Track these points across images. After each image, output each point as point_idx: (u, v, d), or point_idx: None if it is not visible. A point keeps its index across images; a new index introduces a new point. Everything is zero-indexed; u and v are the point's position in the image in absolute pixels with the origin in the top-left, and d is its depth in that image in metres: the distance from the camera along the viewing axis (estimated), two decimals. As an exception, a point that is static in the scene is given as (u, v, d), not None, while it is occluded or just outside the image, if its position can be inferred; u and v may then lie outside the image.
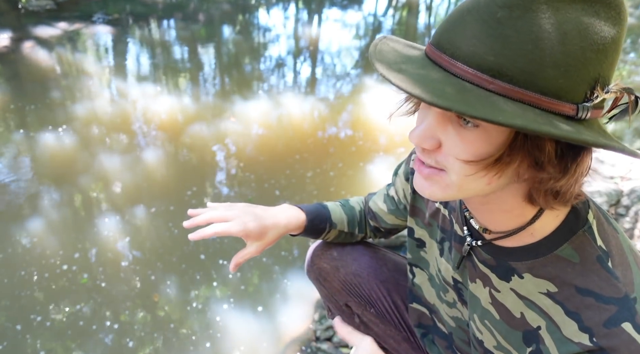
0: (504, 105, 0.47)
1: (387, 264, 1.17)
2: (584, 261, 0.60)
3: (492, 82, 0.48)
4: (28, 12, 6.49)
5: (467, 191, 0.58)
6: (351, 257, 1.15)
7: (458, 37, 0.51)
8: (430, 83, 0.49)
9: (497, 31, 0.48)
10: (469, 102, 0.47)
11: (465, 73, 0.49)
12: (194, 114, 4.20)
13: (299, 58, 6.00)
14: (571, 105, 0.49)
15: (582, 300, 0.59)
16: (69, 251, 2.63)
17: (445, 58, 0.51)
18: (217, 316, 2.33)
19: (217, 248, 2.76)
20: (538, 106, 0.48)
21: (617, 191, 2.32)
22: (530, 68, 0.47)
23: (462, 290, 0.82)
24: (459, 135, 0.54)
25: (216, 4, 7.61)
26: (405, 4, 8.91)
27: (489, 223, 0.68)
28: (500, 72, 0.48)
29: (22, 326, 2.22)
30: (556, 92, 0.48)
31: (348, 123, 4.26)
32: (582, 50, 0.48)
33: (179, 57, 5.82)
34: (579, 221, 0.63)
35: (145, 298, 2.40)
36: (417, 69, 0.52)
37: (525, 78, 0.48)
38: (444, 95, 0.47)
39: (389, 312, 1.16)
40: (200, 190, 3.21)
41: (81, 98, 4.34)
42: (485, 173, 0.54)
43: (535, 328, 0.65)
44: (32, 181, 3.23)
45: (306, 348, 2.11)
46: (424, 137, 0.56)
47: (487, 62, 0.48)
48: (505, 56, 0.47)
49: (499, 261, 0.69)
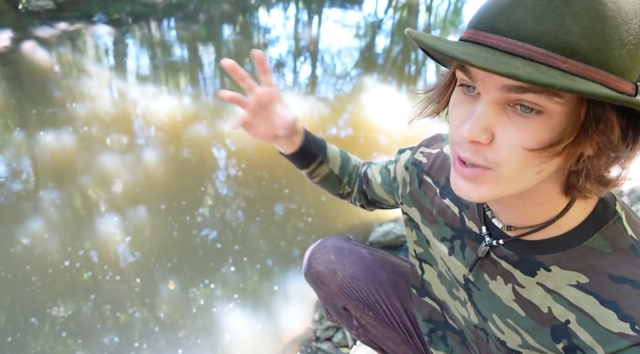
0: (584, 82, 0.46)
1: (385, 266, 1.16)
2: (617, 250, 0.59)
3: (566, 61, 0.47)
4: (28, 12, 6.49)
5: (516, 185, 0.56)
6: (349, 260, 1.14)
7: (519, 18, 0.48)
8: (503, 64, 0.46)
9: (566, 9, 0.47)
10: (565, 81, 0.45)
11: (534, 54, 0.48)
12: (194, 114, 4.20)
13: (299, 58, 6.00)
14: (632, 83, 0.49)
15: (619, 288, 0.57)
16: (70, 249, 2.63)
17: (509, 41, 0.49)
18: (218, 316, 2.33)
19: (217, 248, 2.76)
20: (607, 85, 0.48)
21: (617, 191, 2.32)
22: (601, 47, 0.47)
23: (472, 291, 0.80)
24: (517, 125, 0.52)
25: (216, 4, 7.61)
26: (405, 4, 8.91)
27: (517, 219, 0.66)
28: (573, 50, 0.47)
29: (22, 325, 2.22)
30: (622, 70, 0.48)
31: (348, 122, 4.26)
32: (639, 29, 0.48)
33: (179, 57, 5.82)
34: (608, 211, 0.62)
35: (144, 297, 2.40)
36: (480, 53, 0.49)
37: (597, 57, 0.47)
38: (535, 74, 0.45)
39: (387, 315, 1.15)
40: (200, 189, 3.21)
41: (81, 98, 4.34)
42: (546, 161, 0.52)
43: (564, 322, 0.64)
44: (32, 181, 3.23)
45: (306, 348, 2.11)
46: (477, 129, 0.52)
47: (559, 40, 0.47)
48: (577, 34, 0.47)
49: (523, 256, 0.67)
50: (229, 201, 3.10)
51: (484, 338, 0.84)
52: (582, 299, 0.61)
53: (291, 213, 3.05)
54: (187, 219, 2.93)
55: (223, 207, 3.04)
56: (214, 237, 2.84)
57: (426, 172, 0.90)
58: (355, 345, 1.92)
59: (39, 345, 2.16)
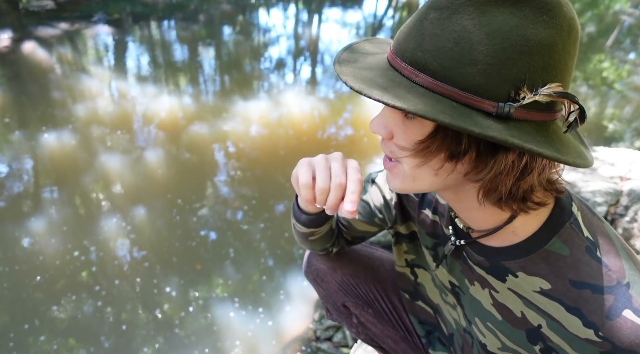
0: (418, 96, 0.51)
1: (385, 264, 1.16)
2: (574, 253, 0.62)
3: (418, 75, 0.53)
4: (29, 12, 6.49)
5: (420, 183, 0.62)
6: (348, 258, 1.15)
7: (400, 35, 0.57)
8: (368, 76, 0.55)
9: (427, 30, 0.53)
10: (393, 94, 0.51)
11: (400, 67, 0.55)
12: (194, 114, 4.20)
13: (299, 58, 6.00)
14: (492, 102, 0.51)
15: (580, 294, 0.60)
16: (70, 248, 2.63)
17: (392, 55, 0.57)
18: (218, 316, 2.33)
19: (217, 248, 2.76)
20: (456, 100, 0.51)
21: (617, 191, 2.32)
22: (449, 64, 0.51)
23: (459, 294, 0.83)
24: (403, 125, 0.59)
25: (216, 4, 7.61)
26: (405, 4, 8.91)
27: (471, 221, 0.70)
28: (425, 66, 0.52)
29: (22, 325, 2.23)
30: (474, 88, 0.51)
31: (349, 122, 4.26)
32: (504, 50, 0.49)
33: (179, 57, 5.82)
34: (564, 214, 0.64)
35: (144, 297, 2.40)
36: (373, 65, 0.58)
37: (445, 74, 0.51)
38: (378, 86, 0.53)
39: (386, 312, 1.16)
40: (200, 189, 3.21)
41: (82, 98, 4.34)
42: (423, 162, 0.58)
43: (537, 326, 0.66)
44: (32, 181, 3.23)
45: (306, 347, 2.12)
46: (377, 125, 0.62)
47: (416, 57, 0.53)
48: (429, 52, 0.52)
49: (492, 262, 0.70)
50: (229, 201, 3.10)
51: (470, 341, 0.87)
52: (549, 305, 0.63)
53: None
54: (187, 219, 2.93)
55: (223, 207, 3.05)
56: (214, 237, 2.85)
57: None
58: (355, 345, 1.93)
59: (39, 345, 2.16)
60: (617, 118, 4.84)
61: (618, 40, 7.48)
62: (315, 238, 0.99)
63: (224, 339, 2.21)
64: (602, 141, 4.21)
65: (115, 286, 2.45)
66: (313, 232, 0.96)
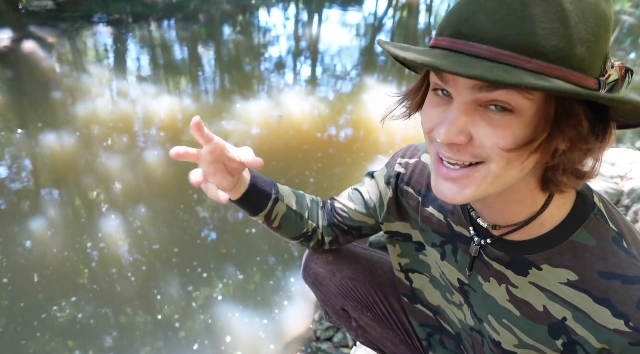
0: (548, 80, 0.49)
1: (384, 267, 1.15)
2: (601, 243, 0.61)
3: (530, 61, 0.49)
4: (28, 12, 6.50)
5: (500, 182, 0.57)
6: (347, 261, 1.13)
7: (483, 23, 0.51)
8: (471, 67, 0.49)
9: (525, 12, 0.49)
10: (524, 79, 0.47)
11: (499, 56, 0.50)
12: (194, 114, 4.19)
13: (299, 58, 6.00)
14: (594, 79, 0.52)
15: (609, 285, 0.60)
16: (70, 247, 2.63)
17: (475, 44, 0.51)
18: (218, 316, 2.33)
19: (217, 248, 2.76)
20: (570, 81, 0.50)
21: (617, 191, 2.32)
22: (562, 46, 0.49)
23: (468, 293, 0.81)
24: (491, 124, 0.53)
25: (216, 4, 7.61)
26: (405, 4, 8.92)
27: (500, 217, 0.68)
28: (536, 51, 0.49)
29: (22, 325, 2.22)
30: (583, 67, 0.50)
31: (349, 122, 4.26)
32: (597, 27, 0.51)
33: (179, 57, 5.82)
34: (587, 205, 0.64)
35: (144, 297, 2.40)
36: (444, 59, 0.51)
37: (558, 56, 0.49)
38: (501, 75, 0.47)
39: (385, 315, 1.15)
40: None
41: (82, 98, 4.34)
42: (526, 158, 0.55)
43: (561, 320, 0.65)
44: (32, 181, 3.23)
45: (306, 348, 2.11)
46: (454, 132, 0.54)
47: (521, 42, 0.49)
48: (538, 35, 0.49)
49: (514, 257, 0.69)
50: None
51: (480, 340, 0.85)
52: (576, 297, 0.63)
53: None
54: (188, 219, 2.93)
55: (223, 207, 3.04)
56: (214, 237, 2.84)
57: (406, 183, 0.90)
58: (355, 346, 1.92)
59: (40, 345, 2.16)
60: (618, 118, 4.83)
61: (618, 40, 7.48)
62: (279, 223, 0.98)
63: (224, 340, 2.21)
64: (603, 141, 4.20)
65: (115, 286, 2.45)
66: (267, 216, 0.95)
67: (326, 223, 1.05)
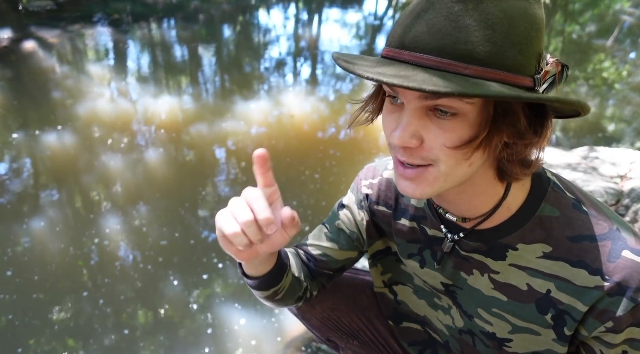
0: (486, 85, 0.53)
1: (366, 290, 1.10)
2: (564, 212, 0.67)
3: (467, 67, 0.53)
4: (29, 13, 6.50)
5: (453, 179, 0.62)
6: (327, 291, 1.05)
7: (424, 35, 0.55)
8: (413, 77, 0.52)
9: (460, 23, 0.54)
10: (465, 86, 0.51)
11: (440, 64, 0.54)
12: (194, 114, 4.20)
13: (299, 58, 6.00)
14: (529, 78, 0.57)
15: (580, 247, 0.65)
16: (70, 247, 2.63)
17: (417, 54, 0.55)
18: (218, 316, 2.33)
19: (217, 247, 2.76)
20: (507, 82, 0.54)
21: (617, 191, 2.32)
22: (495, 51, 0.54)
23: (455, 293, 0.81)
24: (439, 127, 0.58)
25: (216, 4, 7.62)
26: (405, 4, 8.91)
27: (468, 210, 0.72)
28: (472, 57, 0.53)
29: (22, 324, 2.23)
30: (517, 67, 0.55)
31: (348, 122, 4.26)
32: (527, 30, 0.56)
33: (179, 57, 5.82)
34: (543, 181, 0.70)
35: (144, 297, 2.40)
36: (391, 70, 0.55)
37: (492, 60, 0.54)
38: (440, 84, 0.50)
39: (373, 341, 1.12)
40: (200, 189, 3.21)
41: (82, 98, 4.34)
42: (470, 155, 0.59)
43: (546, 292, 0.69)
44: (32, 181, 3.23)
45: (306, 348, 2.11)
46: (406, 136, 0.59)
47: (458, 51, 0.54)
48: (472, 43, 0.53)
49: (490, 243, 0.72)
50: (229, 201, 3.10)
51: (470, 341, 0.85)
52: (554, 267, 0.68)
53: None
54: (188, 219, 2.93)
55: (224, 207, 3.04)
56: (214, 237, 2.84)
57: (376, 202, 0.92)
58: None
59: (40, 345, 2.16)
60: (618, 118, 4.84)
61: (618, 40, 7.48)
62: (282, 295, 0.88)
63: (225, 340, 2.21)
64: (603, 141, 4.21)
65: (115, 286, 2.45)
66: (276, 291, 0.85)
67: (311, 277, 0.97)
